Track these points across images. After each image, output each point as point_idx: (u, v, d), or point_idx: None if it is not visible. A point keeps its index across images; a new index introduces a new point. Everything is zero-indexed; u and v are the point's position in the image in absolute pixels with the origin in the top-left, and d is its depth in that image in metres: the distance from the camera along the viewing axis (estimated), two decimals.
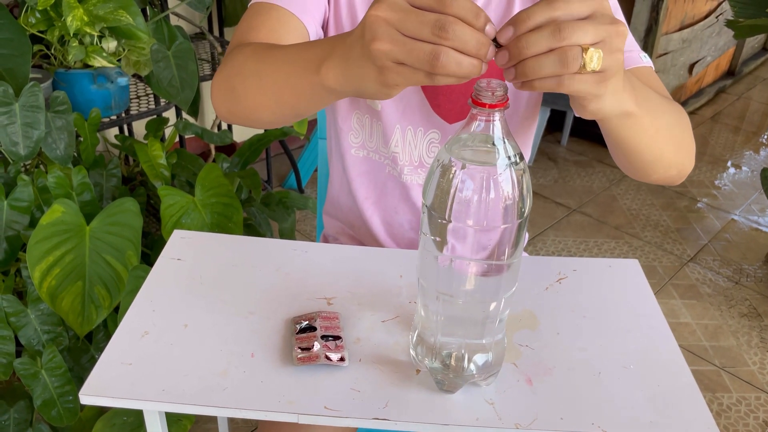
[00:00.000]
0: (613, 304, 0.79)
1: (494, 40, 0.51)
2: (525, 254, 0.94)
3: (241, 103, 0.71)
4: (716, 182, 2.81)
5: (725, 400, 1.75)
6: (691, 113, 3.36)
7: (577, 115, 0.61)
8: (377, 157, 0.95)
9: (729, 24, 2.20)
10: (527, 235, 1.82)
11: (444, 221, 0.56)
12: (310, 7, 0.82)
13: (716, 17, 3.14)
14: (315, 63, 0.59)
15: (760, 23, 2.11)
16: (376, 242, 1.01)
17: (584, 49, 0.50)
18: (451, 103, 0.89)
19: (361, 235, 1.03)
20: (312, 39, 0.84)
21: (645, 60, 0.83)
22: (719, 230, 2.48)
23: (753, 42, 3.89)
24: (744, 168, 2.94)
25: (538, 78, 0.51)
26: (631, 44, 0.84)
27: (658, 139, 0.70)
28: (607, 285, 0.82)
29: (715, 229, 2.49)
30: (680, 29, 2.92)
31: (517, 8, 0.87)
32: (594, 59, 0.50)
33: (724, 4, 3.13)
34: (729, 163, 2.97)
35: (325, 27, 0.88)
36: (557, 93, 0.58)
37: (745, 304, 2.10)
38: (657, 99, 0.70)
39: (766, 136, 3.24)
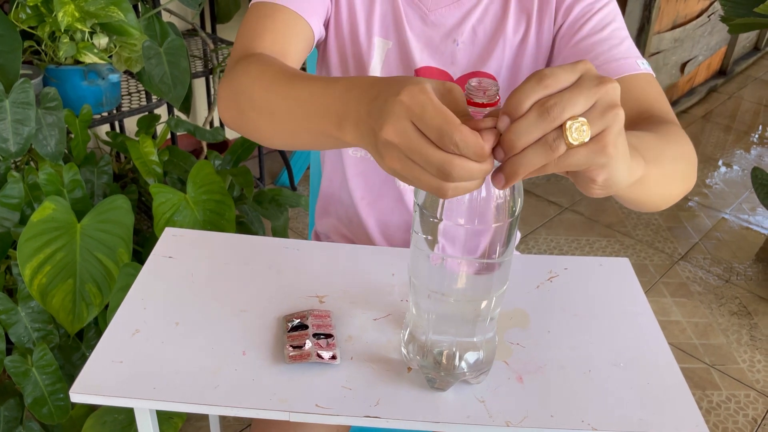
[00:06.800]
0: (603, 302, 0.79)
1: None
2: (516, 252, 0.94)
3: (251, 130, 0.70)
4: (707, 181, 2.82)
5: (715, 397, 1.76)
6: (682, 112, 3.38)
7: (589, 196, 0.55)
8: None
9: (723, 19, 2.21)
10: (519, 233, 1.82)
11: (435, 220, 0.56)
12: (314, 5, 0.81)
13: (708, 17, 3.16)
14: (335, 116, 0.56)
15: (754, 20, 2.12)
16: (369, 241, 1.01)
17: (563, 126, 0.46)
18: None
19: (355, 233, 1.03)
20: (316, 39, 0.83)
21: (643, 67, 0.78)
22: (710, 229, 2.50)
23: (745, 41, 3.91)
24: (735, 167, 2.96)
25: (531, 173, 0.48)
26: (627, 51, 0.80)
27: (668, 184, 0.66)
28: (597, 283, 0.83)
29: (706, 228, 2.50)
30: (672, 28, 2.93)
31: (512, 10, 0.86)
32: (580, 131, 0.46)
33: (716, 3, 3.15)
34: (720, 162, 2.98)
35: (326, 26, 0.87)
36: None
37: (735, 302, 2.12)
38: (656, 141, 0.64)
39: (756, 135, 3.26)
